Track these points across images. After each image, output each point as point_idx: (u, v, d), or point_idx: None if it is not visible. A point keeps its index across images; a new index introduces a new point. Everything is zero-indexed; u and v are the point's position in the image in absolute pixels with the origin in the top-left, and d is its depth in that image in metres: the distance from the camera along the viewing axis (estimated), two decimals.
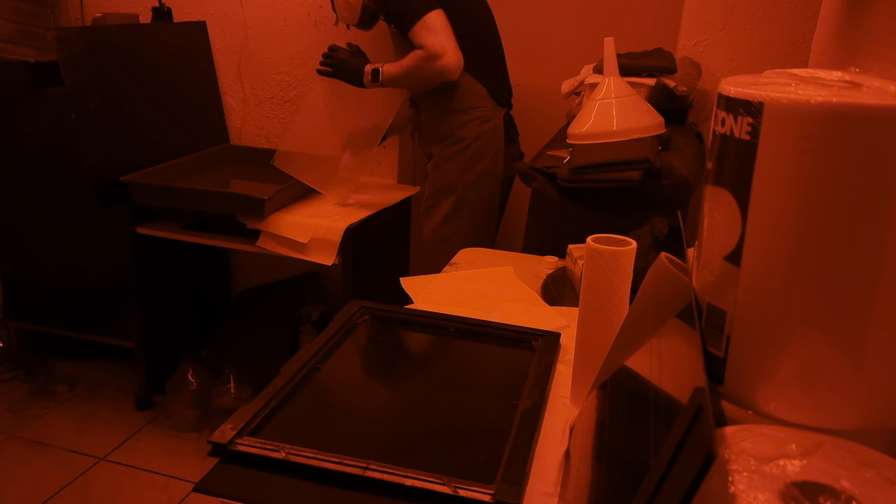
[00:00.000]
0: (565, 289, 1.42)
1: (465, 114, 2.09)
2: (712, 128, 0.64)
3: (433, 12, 1.94)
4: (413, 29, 1.95)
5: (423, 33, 1.94)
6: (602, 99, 1.66)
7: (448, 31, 1.96)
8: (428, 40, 1.94)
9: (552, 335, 1.15)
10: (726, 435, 0.56)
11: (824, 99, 0.54)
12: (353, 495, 0.78)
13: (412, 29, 1.95)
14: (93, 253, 2.54)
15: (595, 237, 0.93)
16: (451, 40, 1.96)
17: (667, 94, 1.93)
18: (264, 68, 2.74)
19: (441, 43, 1.94)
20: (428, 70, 1.97)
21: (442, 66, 1.95)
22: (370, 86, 2.09)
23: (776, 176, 0.57)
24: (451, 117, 2.10)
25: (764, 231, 0.59)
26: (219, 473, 0.81)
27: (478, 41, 2.11)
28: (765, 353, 0.60)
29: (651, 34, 2.40)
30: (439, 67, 1.96)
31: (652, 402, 0.62)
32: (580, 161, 1.59)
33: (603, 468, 0.69)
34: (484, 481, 0.78)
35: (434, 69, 1.96)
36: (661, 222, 1.40)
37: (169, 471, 2.24)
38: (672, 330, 0.67)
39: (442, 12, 1.95)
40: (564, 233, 1.55)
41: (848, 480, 0.49)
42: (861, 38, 1.04)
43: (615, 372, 0.78)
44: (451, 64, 1.96)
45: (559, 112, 2.25)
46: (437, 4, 1.95)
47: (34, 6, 2.68)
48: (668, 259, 0.72)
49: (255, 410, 0.90)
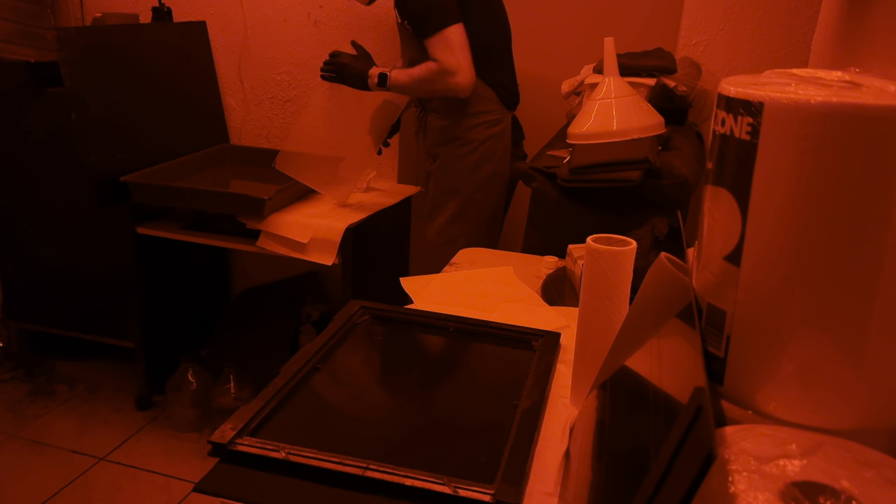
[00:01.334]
0: (565, 289, 1.42)
1: (474, 118, 2.06)
2: (712, 128, 0.64)
3: (454, 26, 1.88)
4: (431, 39, 1.90)
5: (441, 47, 1.89)
6: (602, 99, 1.66)
7: (465, 47, 1.91)
8: (444, 55, 1.89)
9: (552, 335, 1.15)
10: (726, 435, 0.56)
11: (824, 99, 0.54)
12: (353, 495, 0.78)
13: (430, 38, 1.90)
14: (93, 253, 2.54)
15: (595, 237, 0.93)
16: (467, 58, 1.91)
17: (667, 94, 1.93)
18: (264, 68, 2.74)
19: (457, 60, 1.89)
20: (439, 84, 1.93)
21: (455, 84, 1.91)
22: (374, 89, 2.05)
23: (776, 176, 0.57)
24: (461, 121, 2.06)
25: (764, 231, 0.59)
26: (219, 473, 0.81)
27: (497, 49, 2.08)
28: (765, 353, 0.60)
29: (651, 34, 2.40)
30: (451, 84, 1.92)
31: (652, 402, 0.62)
32: (580, 161, 1.59)
33: (603, 468, 0.69)
34: (484, 481, 0.78)
35: (446, 85, 1.92)
36: (661, 222, 1.40)
37: (169, 471, 2.24)
38: (672, 330, 0.67)
39: (462, 26, 1.90)
40: (564, 233, 1.55)
41: (848, 480, 0.49)
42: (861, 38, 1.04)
43: (615, 372, 0.78)
44: (464, 82, 1.92)
45: (559, 112, 2.25)
46: (460, 17, 1.90)
47: (34, 6, 2.68)
48: (668, 259, 0.72)
49: (255, 410, 0.90)
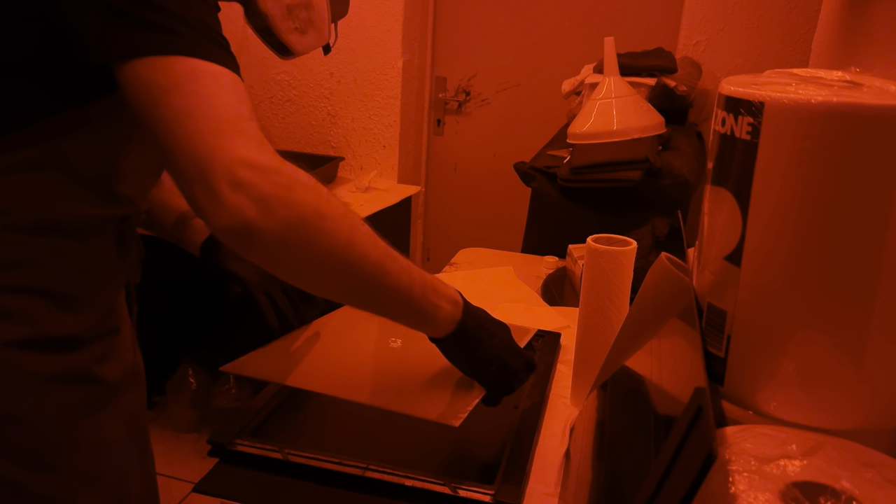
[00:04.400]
0: (565, 289, 1.42)
1: None
2: (713, 127, 0.64)
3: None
4: None
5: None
6: (602, 99, 1.66)
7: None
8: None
9: (552, 335, 1.15)
10: (727, 435, 0.55)
11: (825, 99, 0.54)
12: (352, 495, 0.78)
13: None
14: None
15: (595, 237, 0.93)
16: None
17: (667, 93, 1.93)
18: (263, 68, 2.73)
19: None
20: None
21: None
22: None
23: (777, 176, 0.57)
24: None
25: (764, 231, 0.59)
26: (218, 474, 0.81)
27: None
28: (765, 354, 0.60)
29: (651, 34, 2.40)
30: None
31: (652, 403, 0.62)
32: (580, 161, 1.59)
33: (603, 468, 0.69)
34: (484, 481, 0.78)
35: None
36: (661, 222, 1.40)
37: (168, 471, 2.24)
38: (672, 330, 0.67)
39: None
40: (564, 233, 1.54)
41: (848, 481, 0.49)
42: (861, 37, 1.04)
43: (615, 372, 0.78)
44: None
45: (559, 112, 2.25)
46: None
47: None
48: (668, 259, 0.72)
49: (255, 410, 0.90)
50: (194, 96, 0.64)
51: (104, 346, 0.83)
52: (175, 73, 0.65)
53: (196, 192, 0.64)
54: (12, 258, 0.74)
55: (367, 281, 0.74)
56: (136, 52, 0.65)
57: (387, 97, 2.65)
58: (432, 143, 2.89)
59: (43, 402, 0.76)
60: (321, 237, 0.68)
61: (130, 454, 0.88)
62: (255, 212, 0.63)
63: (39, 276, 0.76)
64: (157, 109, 0.64)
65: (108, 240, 0.83)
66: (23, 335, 0.74)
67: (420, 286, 0.78)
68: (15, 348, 0.74)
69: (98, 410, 0.82)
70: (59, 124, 0.74)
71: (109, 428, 0.83)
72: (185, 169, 0.64)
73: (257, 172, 0.64)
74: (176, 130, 0.64)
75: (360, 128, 2.72)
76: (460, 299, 0.84)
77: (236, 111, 0.66)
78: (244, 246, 0.67)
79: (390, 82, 2.63)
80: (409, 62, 2.64)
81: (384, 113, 2.67)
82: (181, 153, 0.64)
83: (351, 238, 0.71)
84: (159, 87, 0.64)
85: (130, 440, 0.87)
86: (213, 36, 0.69)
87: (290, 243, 0.67)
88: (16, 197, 0.74)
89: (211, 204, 0.64)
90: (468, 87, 2.77)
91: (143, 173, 0.87)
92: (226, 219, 0.64)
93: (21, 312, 0.74)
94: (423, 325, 0.82)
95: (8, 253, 0.74)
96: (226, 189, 0.63)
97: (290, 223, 0.66)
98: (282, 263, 0.70)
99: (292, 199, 0.66)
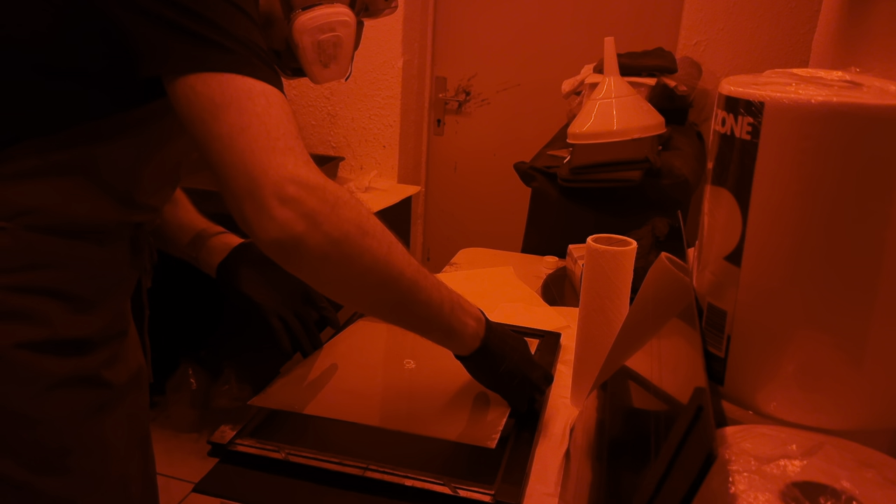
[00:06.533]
0: (565, 289, 1.42)
1: None
2: (713, 127, 0.64)
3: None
4: None
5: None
6: (602, 98, 1.66)
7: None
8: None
9: (552, 335, 1.15)
10: (727, 435, 0.55)
11: (825, 99, 0.54)
12: (352, 495, 0.78)
13: None
14: None
15: (595, 237, 0.93)
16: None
17: (667, 93, 1.93)
18: None
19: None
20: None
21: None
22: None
23: (776, 176, 0.57)
24: None
25: (764, 231, 0.59)
26: (218, 474, 0.81)
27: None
28: (765, 353, 0.60)
29: (651, 34, 2.40)
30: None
31: (652, 403, 0.62)
32: (580, 161, 1.59)
33: (603, 468, 0.69)
34: (484, 481, 0.78)
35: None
36: (661, 222, 1.40)
37: (168, 471, 2.24)
38: (672, 330, 0.67)
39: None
40: (564, 233, 1.54)
41: (848, 481, 0.49)
42: (861, 38, 1.04)
43: (615, 372, 0.78)
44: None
45: (559, 112, 2.25)
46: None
47: None
48: (668, 259, 0.72)
49: (255, 410, 0.90)
50: (248, 114, 0.66)
51: (112, 350, 0.83)
52: (230, 90, 0.66)
53: (245, 206, 0.66)
54: (31, 259, 0.75)
55: (402, 296, 0.76)
56: (192, 67, 0.67)
57: (387, 97, 2.65)
58: (432, 143, 2.89)
59: (54, 405, 0.77)
60: (362, 253, 0.70)
61: (133, 456, 0.88)
62: (302, 227, 0.66)
63: (56, 278, 0.76)
64: (211, 125, 0.66)
65: (123, 244, 0.84)
66: (39, 336, 0.75)
67: (449, 303, 0.81)
68: (31, 349, 0.74)
69: (104, 413, 0.82)
70: (97, 129, 0.75)
71: (113, 430, 0.83)
72: (236, 183, 0.66)
73: (305, 189, 0.66)
74: (229, 146, 0.66)
75: (360, 128, 2.72)
76: (482, 316, 0.86)
77: (286, 129, 0.68)
78: (290, 259, 0.68)
79: (390, 82, 2.63)
80: (409, 62, 2.64)
81: (384, 113, 2.67)
82: (233, 167, 0.66)
83: (389, 255, 0.73)
84: (214, 103, 0.66)
85: (133, 442, 0.88)
86: (262, 54, 0.70)
87: (334, 258, 0.69)
88: (41, 198, 0.74)
89: (260, 218, 0.66)
90: (468, 87, 2.77)
91: (161, 183, 0.88)
92: (275, 232, 0.66)
93: (38, 314, 0.75)
94: (449, 341, 0.84)
95: (26, 254, 0.74)
96: (275, 204, 0.65)
97: (335, 238, 0.68)
98: (324, 277, 0.72)
99: (337, 216, 0.68)
